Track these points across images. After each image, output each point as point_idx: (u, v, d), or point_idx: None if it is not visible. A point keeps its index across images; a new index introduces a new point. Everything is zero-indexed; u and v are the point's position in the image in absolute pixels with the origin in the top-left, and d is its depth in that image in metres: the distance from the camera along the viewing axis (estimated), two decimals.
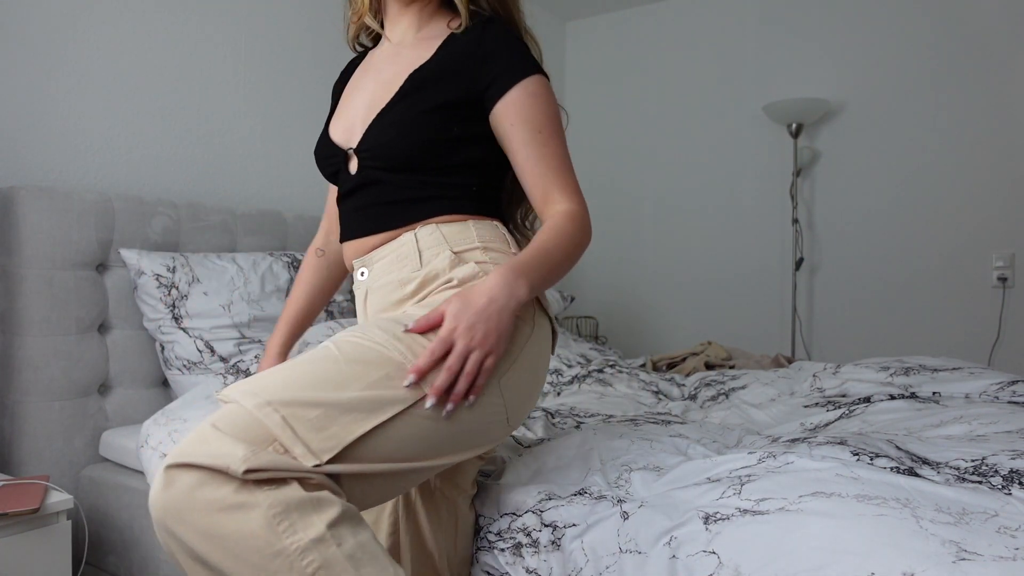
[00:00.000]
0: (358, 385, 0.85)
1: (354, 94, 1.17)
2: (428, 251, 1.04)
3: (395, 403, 0.85)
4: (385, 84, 1.11)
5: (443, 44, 1.08)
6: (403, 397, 0.86)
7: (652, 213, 3.53)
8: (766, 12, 3.23)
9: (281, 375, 0.85)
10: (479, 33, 1.06)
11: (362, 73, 1.20)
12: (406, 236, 1.06)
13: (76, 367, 1.70)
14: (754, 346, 3.19)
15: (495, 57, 1.04)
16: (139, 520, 1.55)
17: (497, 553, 1.07)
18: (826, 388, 1.80)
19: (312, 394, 0.82)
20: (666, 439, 1.29)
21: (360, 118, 1.12)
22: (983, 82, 2.77)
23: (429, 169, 1.06)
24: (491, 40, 1.05)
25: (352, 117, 1.14)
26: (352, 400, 0.83)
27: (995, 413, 1.37)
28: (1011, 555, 0.79)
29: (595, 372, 2.15)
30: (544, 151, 1.04)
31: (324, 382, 0.84)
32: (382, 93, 1.10)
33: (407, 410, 0.86)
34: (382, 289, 1.07)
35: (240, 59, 2.29)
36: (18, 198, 1.64)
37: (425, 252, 1.04)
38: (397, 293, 1.05)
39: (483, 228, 1.08)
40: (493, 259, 1.05)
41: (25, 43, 1.79)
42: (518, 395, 0.99)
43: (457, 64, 1.05)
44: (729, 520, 0.92)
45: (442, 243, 1.05)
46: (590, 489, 1.09)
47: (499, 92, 1.04)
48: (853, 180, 3.04)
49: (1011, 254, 2.72)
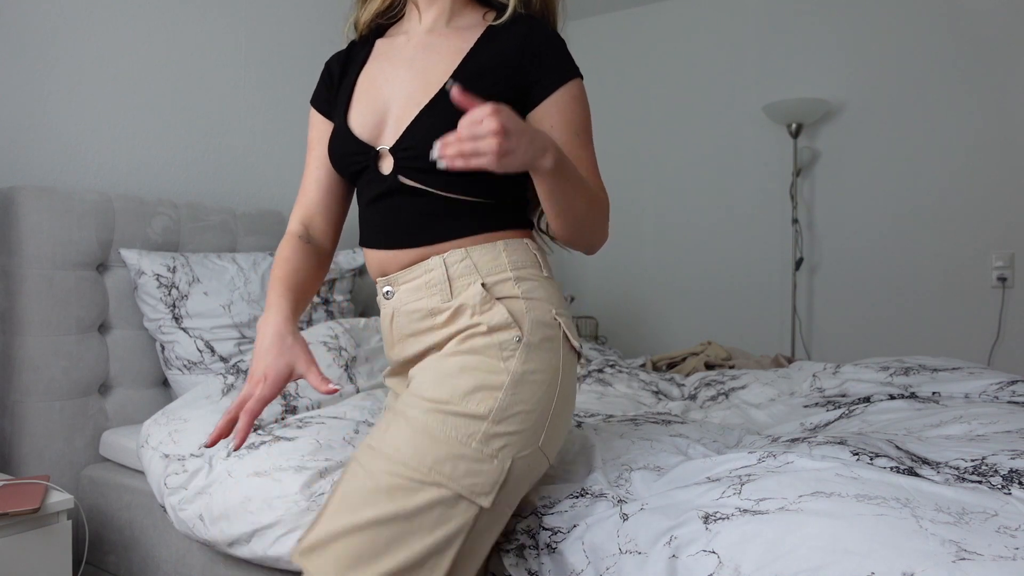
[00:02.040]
0: (419, 537, 0.89)
1: (381, 85, 1.08)
2: (458, 280, 1.02)
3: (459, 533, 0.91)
4: (422, 76, 1.04)
5: (483, 37, 1.05)
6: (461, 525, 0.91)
7: (652, 213, 3.53)
8: (766, 12, 3.23)
9: (350, 546, 0.88)
10: (526, 30, 1.03)
11: (385, 62, 1.10)
12: (434, 261, 1.03)
13: (76, 367, 1.70)
14: (754, 346, 3.19)
15: (543, 56, 1.03)
16: (139, 520, 1.55)
17: (502, 555, 1.07)
18: (826, 388, 1.80)
19: (383, 566, 0.87)
20: (666, 439, 1.29)
21: (395, 114, 1.04)
22: (983, 82, 2.77)
23: (469, 176, 1.02)
24: (540, 38, 1.03)
25: (381, 111, 1.06)
26: (420, 554, 0.89)
27: (995, 413, 1.37)
28: (1011, 555, 0.79)
29: (595, 372, 2.15)
30: (581, 154, 1.04)
31: (388, 543, 0.88)
32: (421, 86, 1.03)
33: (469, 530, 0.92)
34: (410, 315, 1.05)
35: (240, 59, 2.29)
36: (18, 198, 1.64)
37: (455, 282, 1.02)
38: (427, 322, 1.04)
39: (514, 250, 1.05)
40: (524, 292, 1.03)
41: (25, 43, 1.79)
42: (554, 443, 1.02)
43: (504, 60, 1.02)
44: (729, 520, 0.92)
45: (472, 272, 1.02)
46: (590, 489, 1.09)
47: (545, 92, 1.02)
48: (853, 180, 3.04)
49: (1011, 254, 2.72)
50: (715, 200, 3.36)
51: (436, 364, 1.01)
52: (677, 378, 2.15)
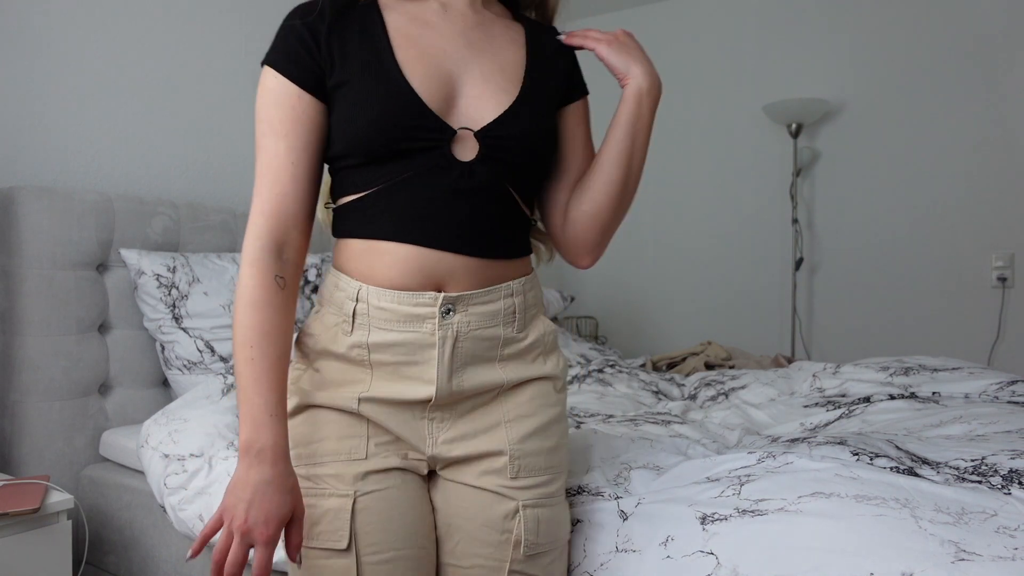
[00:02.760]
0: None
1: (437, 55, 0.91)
2: (529, 311, 0.94)
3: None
4: (494, 60, 0.94)
5: (528, 31, 1.02)
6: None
7: (652, 213, 3.53)
8: (766, 12, 3.23)
9: None
10: (555, 35, 1.05)
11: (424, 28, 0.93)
12: (511, 286, 0.92)
13: (76, 367, 1.70)
14: (754, 346, 3.19)
15: (576, 65, 1.06)
16: (139, 520, 1.55)
17: None
18: (826, 388, 1.80)
19: None
20: (666, 439, 1.29)
21: (470, 93, 0.90)
22: (983, 82, 2.77)
23: (536, 183, 0.98)
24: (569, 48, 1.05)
25: (448, 84, 0.89)
26: None
27: (995, 413, 1.37)
28: (1010, 555, 0.79)
29: (595, 372, 2.15)
30: None
31: None
32: (497, 69, 0.93)
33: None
34: (481, 343, 0.90)
35: (240, 59, 2.29)
36: (18, 198, 1.64)
37: (528, 312, 0.94)
38: (495, 352, 0.92)
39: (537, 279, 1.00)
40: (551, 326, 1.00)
41: (25, 43, 1.79)
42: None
43: (553, 59, 1.01)
44: (728, 520, 0.92)
45: (539, 303, 0.96)
46: (588, 487, 1.09)
47: (577, 96, 1.04)
48: (853, 180, 3.04)
49: (1011, 254, 2.72)
50: (715, 200, 3.36)
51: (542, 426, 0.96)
52: (677, 378, 2.15)
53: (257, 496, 0.79)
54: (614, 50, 0.98)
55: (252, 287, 0.84)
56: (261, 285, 0.84)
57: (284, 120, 0.88)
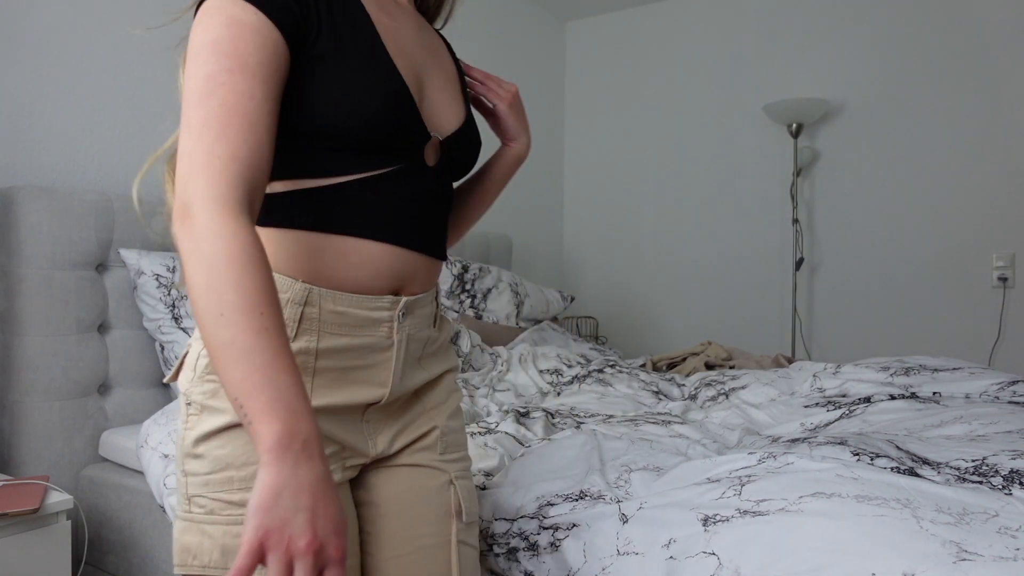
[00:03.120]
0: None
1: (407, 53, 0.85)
2: (439, 310, 0.97)
3: None
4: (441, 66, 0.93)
5: (446, 43, 1.01)
6: None
7: (652, 213, 3.53)
8: (766, 12, 3.23)
9: None
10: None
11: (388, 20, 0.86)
12: (436, 287, 0.93)
13: (76, 367, 1.70)
14: (754, 346, 3.19)
15: None
16: (139, 520, 1.55)
17: (493, 558, 1.07)
18: (826, 388, 1.80)
19: None
20: (666, 439, 1.29)
21: (433, 98, 0.87)
22: (983, 82, 2.77)
23: None
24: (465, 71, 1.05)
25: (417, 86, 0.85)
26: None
27: (995, 413, 1.37)
28: (1011, 555, 0.78)
29: (595, 372, 2.15)
30: None
31: None
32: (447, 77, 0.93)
33: None
34: (418, 344, 0.90)
35: None
36: (18, 198, 1.64)
37: (438, 310, 0.96)
38: (424, 351, 0.92)
39: None
40: None
41: (25, 43, 1.78)
42: None
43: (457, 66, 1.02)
44: (729, 521, 0.92)
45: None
46: (589, 490, 1.09)
47: None
48: (853, 180, 3.04)
49: (1011, 254, 2.72)
50: (715, 200, 3.36)
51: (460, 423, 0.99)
52: (677, 378, 2.15)
53: (320, 501, 0.60)
54: (513, 112, 1.03)
55: (245, 240, 0.65)
56: (253, 240, 0.66)
57: (264, 63, 0.71)
